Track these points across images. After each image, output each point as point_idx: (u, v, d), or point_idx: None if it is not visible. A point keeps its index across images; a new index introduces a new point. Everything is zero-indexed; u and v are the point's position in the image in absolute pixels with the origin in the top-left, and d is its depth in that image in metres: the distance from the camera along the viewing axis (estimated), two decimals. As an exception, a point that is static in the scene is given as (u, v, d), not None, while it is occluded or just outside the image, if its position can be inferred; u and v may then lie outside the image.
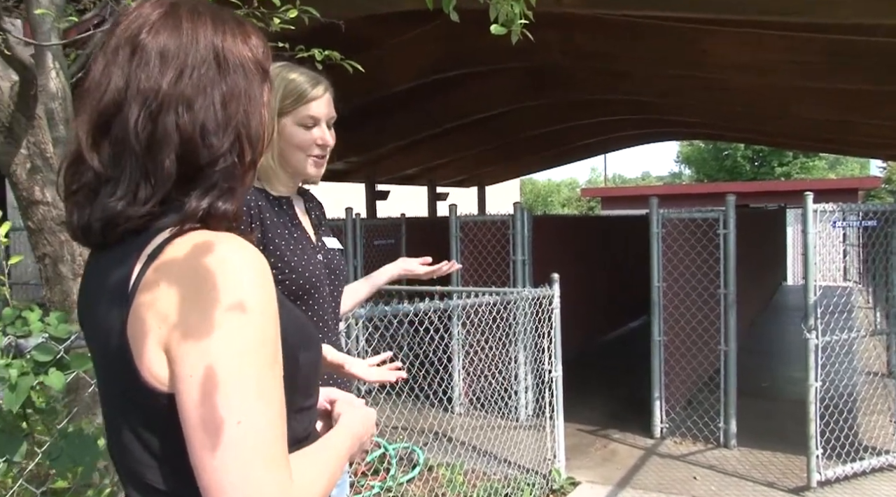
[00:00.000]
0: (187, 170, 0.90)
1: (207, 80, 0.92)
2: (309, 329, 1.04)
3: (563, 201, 41.35)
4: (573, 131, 11.89)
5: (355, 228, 7.13)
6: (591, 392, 6.88)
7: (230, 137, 0.92)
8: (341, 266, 1.90)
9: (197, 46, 0.92)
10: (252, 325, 0.82)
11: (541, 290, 4.52)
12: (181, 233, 0.87)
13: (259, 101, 0.97)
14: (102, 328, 0.90)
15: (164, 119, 0.88)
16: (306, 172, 1.80)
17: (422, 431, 5.37)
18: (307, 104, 1.77)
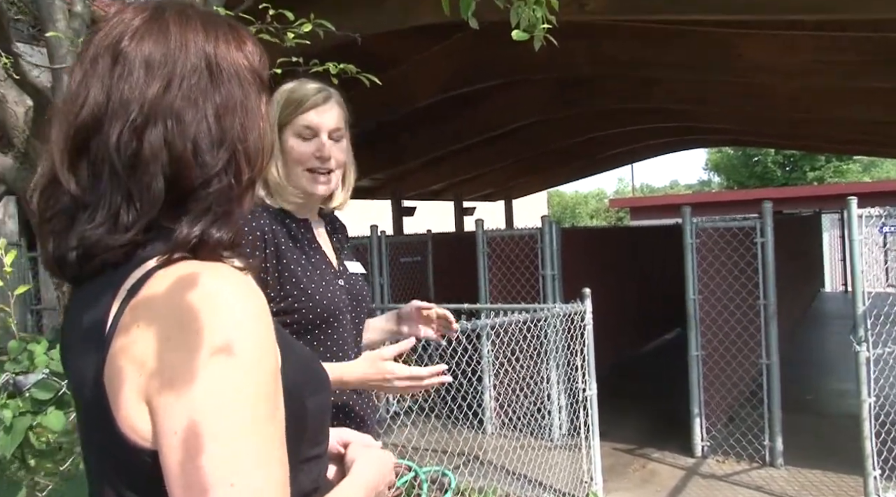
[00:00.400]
0: (177, 192, 0.79)
1: (199, 91, 0.81)
2: (317, 369, 0.92)
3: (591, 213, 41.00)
4: (600, 142, 11.71)
5: (381, 246, 7.04)
6: (625, 409, 6.67)
7: (225, 154, 0.81)
8: (364, 292, 1.78)
9: (186, 54, 0.81)
10: (245, 369, 0.71)
11: (572, 306, 4.37)
12: (166, 264, 0.76)
13: (257, 113, 0.86)
14: (79, 375, 0.79)
15: (151, 135, 0.78)
16: (308, 190, 1.68)
17: (453, 453, 5.22)
18: (305, 113, 1.65)
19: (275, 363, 0.75)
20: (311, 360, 0.92)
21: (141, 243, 0.78)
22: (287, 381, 0.80)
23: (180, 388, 0.69)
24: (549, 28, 2.15)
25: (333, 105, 1.69)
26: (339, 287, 1.69)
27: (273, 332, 0.76)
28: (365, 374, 1.62)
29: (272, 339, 0.75)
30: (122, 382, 0.72)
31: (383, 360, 1.62)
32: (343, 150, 1.71)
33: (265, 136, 0.87)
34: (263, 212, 1.65)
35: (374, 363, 1.62)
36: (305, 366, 0.88)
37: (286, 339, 0.86)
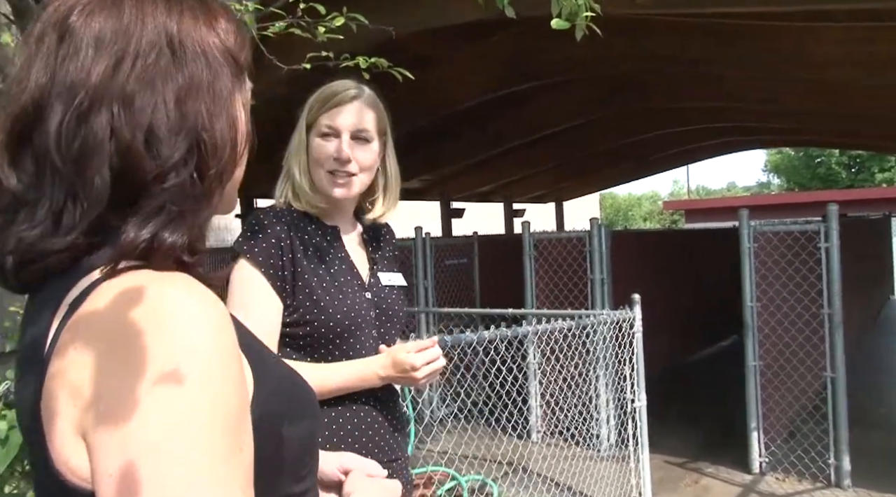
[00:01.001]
0: (127, 188, 0.67)
1: (157, 72, 0.69)
2: (300, 393, 0.80)
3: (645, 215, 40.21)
4: (653, 142, 11.39)
5: (425, 248, 6.93)
6: (678, 419, 6.40)
7: (184, 144, 0.69)
8: (396, 306, 1.67)
9: (143, 29, 0.70)
10: (196, 399, 0.59)
11: (621, 313, 4.17)
12: (113, 274, 0.65)
13: (227, 98, 0.74)
14: (20, 400, 0.69)
15: (94, 121, 0.67)
16: (327, 193, 1.58)
17: (497, 462, 5.07)
18: (328, 112, 1.56)
19: (236, 390, 0.63)
20: (293, 383, 0.80)
21: (86, 248, 0.68)
22: (259, 410, 0.69)
23: (116, 423, 0.58)
24: (593, 17, 2.00)
25: (361, 104, 1.59)
26: (363, 300, 1.59)
27: (236, 354, 0.64)
28: (388, 373, 1.53)
29: (234, 363, 0.63)
30: (56, 413, 0.61)
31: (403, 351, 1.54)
32: (371, 153, 1.60)
33: (237, 125, 0.75)
34: (286, 216, 1.56)
35: (397, 357, 1.54)
36: (285, 390, 0.76)
37: (262, 359, 0.74)
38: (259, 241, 1.51)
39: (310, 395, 0.83)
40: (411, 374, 1.53)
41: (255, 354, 0.73)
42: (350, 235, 1.67)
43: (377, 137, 1.61)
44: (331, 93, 1.58)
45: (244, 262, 1.52)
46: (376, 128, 1.61)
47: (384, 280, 1.67)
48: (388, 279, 1.68)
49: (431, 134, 9.18)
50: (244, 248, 1.52)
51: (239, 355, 0.65)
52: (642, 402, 4.19)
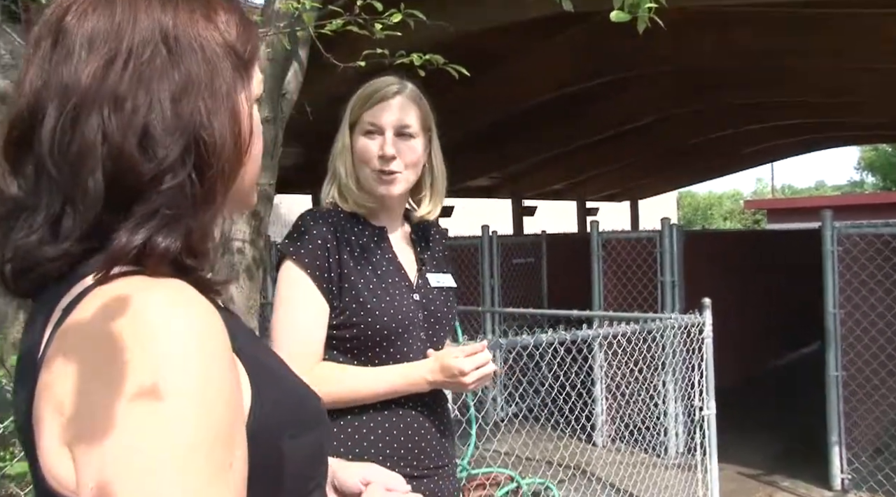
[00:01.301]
0: (122, 192, 0.65)
1: (152, 71, 0.67)
2: (304, 404, 0.77)
3: (725, 214, 38.82)
4: (734, 139, 10.96)
5: (492, 246, 6.87)
6: (752, 429, 6.12)
7: (180, 144, 0.67)
8: (445, 308, 1.64)
9: (135, 26, 0.68)
10: (175, 415, 0.56)
11: (690, 318, 4.01)
12: (104, 280, 0.63)
13: (227, 94, 0.71)
14: (17, 407, 0.68)
15: (85, 125, 0.65)
16: (374, 192, 1.56)
17: (559, 465, 4.97)
18: (370, 109, 1.54)
19: (224, 404, 0.60)
20: (298, 392, 0.77)
21: (81, 254, 0.66)
22: (256, 422, 0.66)
23: (94, 439, 0.56)
24: (656, 9, 1.91)
25: (404, 100, 1.56)
26: (411, 302, 1.56)
27: (226, 365, 0.62)
28: (436, 377, 1.49)
29: (223, 375, 0.61)
30: (43, 425, 0.60)
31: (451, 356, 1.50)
32: (415, 150, 1.57)
33: (240, 120, 0.72)
34: (332, 217, 1.55)
35: (444, 361, 1.49)
36: (288, 400, 0.73)
37: (263, 368, 0.71)
38: (305, 243, 1.50)
39: (316, 405, 0.79)
40: (460, 379, 1.49)
41: (255, 363, 0.70)
42: (398, 236, 1.64)
43: (422, 133, 1.58)
44: (372, 90, 1.55)
45: (290, 264, 1.51)
46: (420, 124, 1.57)
47: (433, 281, 1.63)
48: (438, 280, 1.65)
49: (503, 131, 9.11)
50: (290, 249, 1.51)
51: (230, 367, 0.63)
52: (711, 411, 4.01)
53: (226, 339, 0.63)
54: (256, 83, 0.77)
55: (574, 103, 8.05)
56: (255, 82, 0.76)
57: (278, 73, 2.93)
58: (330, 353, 1.53)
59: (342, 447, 1.48)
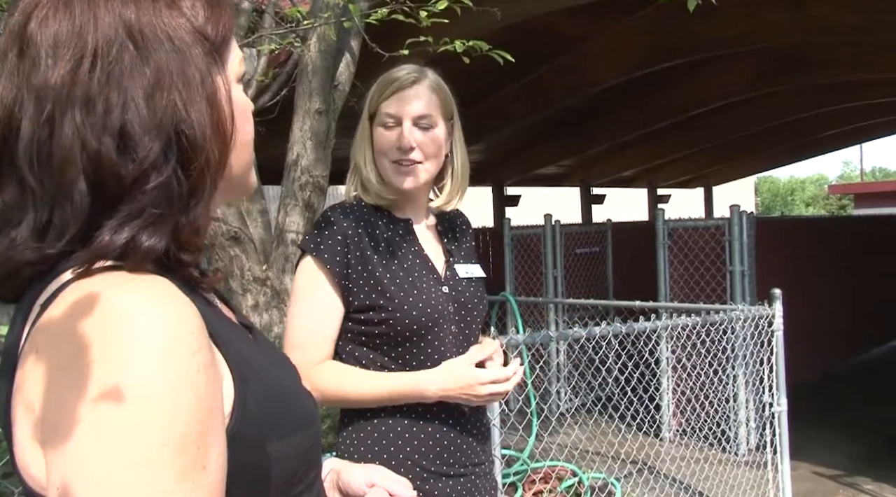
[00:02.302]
0: (108, 195, 0.64)
1: (122, 68, 0.65)
2: (293, 404, 0.74)
3: (808, 200, 37.08)
4: (817, 120, 10.41)
5: (555, 236, 6.75)
6: (831, 427, 5.83)
7: (159, 141, 0.65)
8: (475, 299, 1.59)
9: (98, 25, 0.66)
10: (140, 417, 0.55)
11: (759, 309, 3.83)
12: (83, 275, 0.63)
13: (201, 83, 0.69)
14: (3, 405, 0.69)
15: (61, 132, 0.64)
16: (394, 184, 1.52)
17: (623, 460, 4.86)
18: (388, 99, 1.50)
19: (198, 404, 0.58)
20: (287, 393, 0.75)
21: (64, 254, 0.65)
22: (239, 423, 0.65)
23: (60, 439, 0.56)
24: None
25: (422, 89, 1.52)
26: (440, 295, 1.53)
27: (200, 366, 0.60)
28: (444, 387, 1.44)
29: (197, 375, 0.59)
30: (17, 424, 0.61)
31: (464, 367, 1.45)
32: (435, 140, 1.52)
33: (220, 108, 0.70)
34: (355, 211, 1.53)
35: (452, 372, 1.45)
36: (276, 401, 0.71)
37: (250, 367, 0.70)
38: (325, 238, 1.49)
39: (308, 405, 0.77)
40: (474, 390, 1.43)
41: (240, 361, 0.68)
42: (423, 228, 1.60)
43: (442, 122, 1.53)
44: (390, 79, 1.52)
45: (308, 260, 1.50)
46: (441, 112, 1.53)
47: (462, 272, 1.59)
48: (466, 271, 1.60)
49: (571, 117, 8.94)
50: (310, 245, 1.50)
51: (205, 366, 0.61)
52: (782, 407, 3.83)
53: (201, 338, 0.61)
54: (236, 63, 0.74)
55: (646, 87, 7.81)
56: (234, 62, 0.74)
57: (329, 64, 2.94)
58: (360, 351, 1.50)
59: (376, 446, 1.46)
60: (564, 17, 5.88)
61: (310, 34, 2.78)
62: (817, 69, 7.59)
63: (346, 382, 1.46)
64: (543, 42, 6.37)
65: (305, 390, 0.79)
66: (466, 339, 1.57)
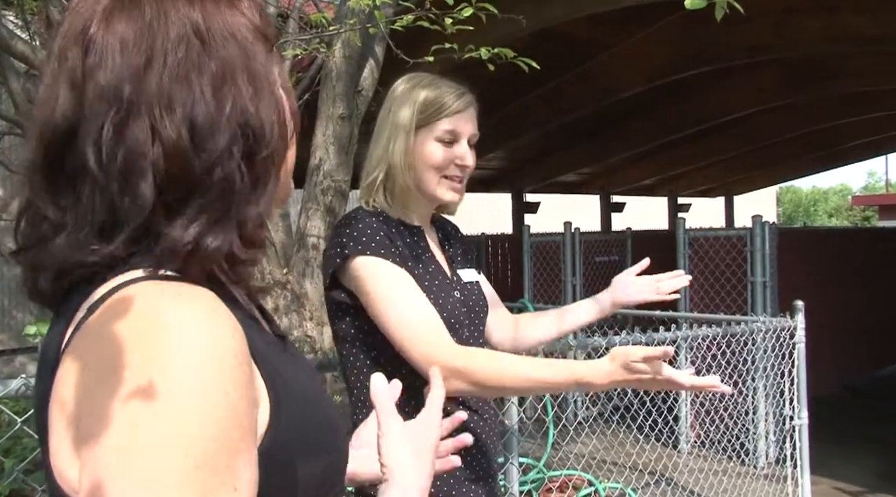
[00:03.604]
0: (174, 190, 0.65)
1: (190, 65, 0.67)
2: (327, 424, 0.73)
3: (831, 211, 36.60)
4: (842, 130, 10.28)
5: (574, 243, 6.72)
6: (854, 443, 5.75)
7: (226, 134, 0.66)
8: (481, 302, 1.62)
9: (167, 24, 0.67)
10: (181, 430, 0.55)
11: (780, 321, 3.79)
12: (134, 281, 0.62)
13: (265, 78, 0.71)
14: (35, 402, 0.70)
15: (135, 128, 0.64)
16: (441, 197, 1.54)
17: (640, 470, 4.82)
18: (449, 117, 1.52)
19: (234, 423, 0.58)
20: (321, 414, 0.73)
21: (124, 256, 0.65)
22: (272, 442, 0.64)
23: (93, 449, 0.55)
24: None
25: (474, 110, 1.57)
26: (455, 299, 1.54)
27: (240, 383, 0.59)
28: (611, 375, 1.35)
29: (235, 396, 0.58)
30: (54, 427, 0.60)
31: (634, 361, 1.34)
32: (473, 155, 1.58)
33: (282, 104, 0.72)
34: (379, 216, 1.53)
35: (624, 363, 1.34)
36: (309, 422, 0.70)
37: (287, 387, 0.68)
38: (370, 237, 1.45)
39: (338, 429, 0.76)
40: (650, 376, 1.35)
41: (278, 380, 0.67)
42: (432, 236, 1.64)
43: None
44: (448, 97, 1.54)
45: (364, 259, 1.42)
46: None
47: (465, 277, 1.63)
48: (468, 276, 1.64)
49: (592, 124, 8.92)
50: (357, 248, 1.43)
51: (246, 387, 0.60)
52: (803, 421, 3.78)
53: (242, 358, 0.60)
54: (283, 66, 0.77)
55: (668, 95, 7.78)
56: (282, 65, 0.76)
57: (353, 70, 2.96)
58: (370, 355, 1.49)
59: None
60: (587, 25, 5.87)
61: (335, 40, 2.80)
62: (843, 79, 7.51)
63: (507, 369, 1.36)
64: (565, 49, 6.36)
65: (334, 408, 0.78)
66: (476, 342, 1.59)
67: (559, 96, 7.57)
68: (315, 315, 2.88)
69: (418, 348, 1.36)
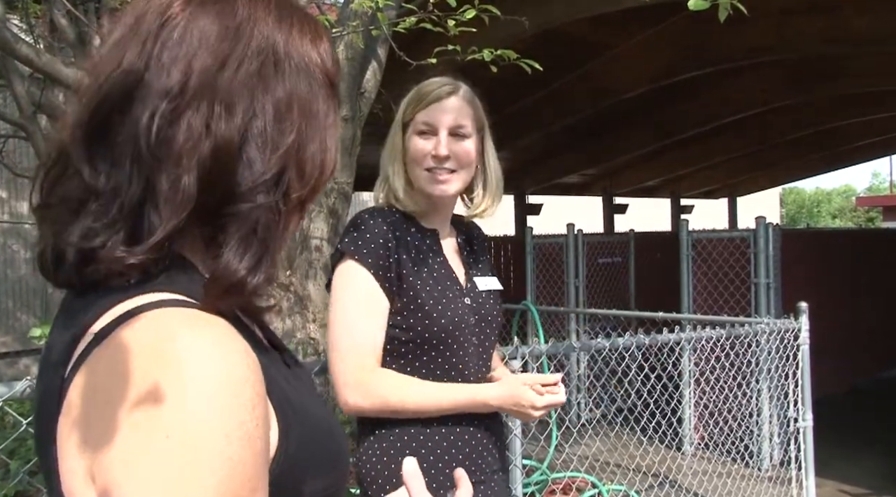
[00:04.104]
0: (214, 197, 0.63)
1: (259, 80, 0.66)
2: (331, 443, 0.73)
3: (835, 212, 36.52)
4: (846, 130, 10.26)
5: (577, 245, 6.71)
6: (858, 444, 5.73)
7: (279, 161, 0.65)
8: (494, 311, 1.61)
9: (251, 34, 0.67)
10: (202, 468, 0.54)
11: (784, 322, 3.78)
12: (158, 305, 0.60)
13: (322, 120, 0.71)
14: (35, 407, 0.67)
15: (192, 117, 0.63)
16: (427, 192, 1.53)
17: (644, 472, 4.81)
18: (425, 108, 1.52)
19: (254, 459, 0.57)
20: (324, 433, 0.73)
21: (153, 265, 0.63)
22: (280, 466, 0.63)
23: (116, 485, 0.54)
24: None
25: (458, 100, 1.54)
26: (463, 306, 1.54)
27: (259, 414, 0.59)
28: (501, 399, 1.48)
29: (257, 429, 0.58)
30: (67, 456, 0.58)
31: (524, 386, 1.48)
32: (469, 150, 1.54)
33: (327, 150, 0.71)
34: (389, 216, 1.53)
35: (515, 391, 1.48)
36: (314, 442, 0.70)
37: (293, 407, 0.68)
38: (366, 240, 1.48)
39: (340, 444, 0.76)
40: (528, 411, 1.47)
41: (285, 402, 0.67)
42: (447, 240, 1.62)
43: (475, 133, 1.55)
44: (426, 90, 1.54)
45: (350, 263, 1.48)
46: (473, 124, 1.55)
47: (481, 285, 1.61)
48: (485, 284, 1.62)
49: (595, 126, 8.91)
50: (350, 248, 1.48)
51: (263, 421, 0.59)
52: (808, 423, 3.77)
53: (260, 392, 0.60)
54: (339, 117, 0.76)
55: (672, 96, 7.77)
56: (338, 116, 0.76)
57: (356, 72, 2.96)
58: (384, 360, 1.50)
59: (399, 455, 1.47)
60: (590, 26, 5.87)
61: (337, 42, 2.80)
62: (846, 79, 7.50)
63: (408, 391, 1.45)
64: (568, 50, 6.36)
65: (338, 426, 0.78)
66: (486, 351, 1.59)
67: (561, 98, 7.57)
68: (318, 317, 2.89)
69: (342, 360, 1.44)
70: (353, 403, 1.44)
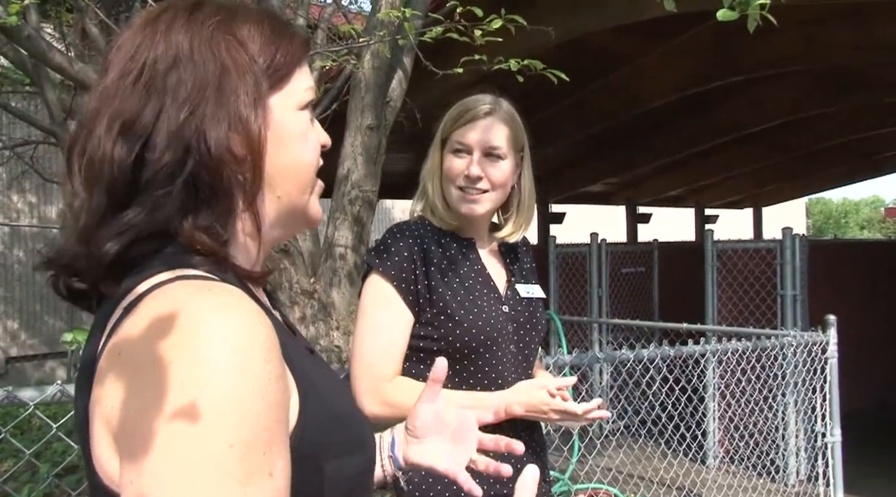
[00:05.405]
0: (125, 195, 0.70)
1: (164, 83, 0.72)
2: (352, 428, 0.75)
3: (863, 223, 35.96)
4: (876, 140, 10.11)
5: (601, 254, 6.67)
6: (888, 460, 5.61)
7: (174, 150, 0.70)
8: (534, 319, 1.61)
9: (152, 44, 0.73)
10: (217, 419, 0.56)
11: (811, 335, 3.72)
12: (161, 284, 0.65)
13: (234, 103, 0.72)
14: (75, 409, 0.71)
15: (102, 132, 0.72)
16: (458, 210, 1.55)
17: (668, 486, 4.75)
18: (462, 127, 1.53)
19: (268, 413, 0.59)
20: (345, 415, 0.75)
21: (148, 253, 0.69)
22: (300, 439, 0.65)
23: (136, 449, 0.57)
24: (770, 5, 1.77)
25: (495, 121, 1.54)
26: (500, 313, 1.54)
27: (275, 374, 0.61)
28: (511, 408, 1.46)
29: (269, 384, 0.60)
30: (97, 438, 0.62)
31: (541, 388, 1.47)
32: (503, 171, 1.55)
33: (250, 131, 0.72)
34: (420, 229, 1.55)
35: (532, 392, 1.47)
36: (334, 422, 0.72)
37: (312, 385, 0.70)
38: (391, 255, 1.51)
39: (363, 429, 0.78)
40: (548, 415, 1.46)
41: (304, 377, 0.69)
42: (486, 247, 1.63)
43: (511, 154, 1.56)
44: (464, 108, 1.55)
45: (375, 277, 1.52)
46: (511, 144, 1.55)
47: (523, 292, 1.61)
48: (527, 291, 1.62)
49: (619, 135, 8.87)
50: (375, 262, 1.52)
51: (278, 377, 0.61)
52: (836, 438, 3.70)
53: (273, 349, 0.62)
54: (299, 90, 0.77)
55: (697, 106, 7.72)
56: (295, 90, 0.76)
57: (382, 81, 2.98)
58: (417, 367, 1.52)
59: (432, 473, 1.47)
60: (616, 35, 5.85)
61: (364, 51, 2.82)
62: (876, 88, 7.39)
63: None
64: (593, 60, 6.35)
65: (361, 414, 0.80)
66: (525, 359, 1.58)
67: (585, 107, 7.55)
68: (342, 324, 2.89)
69: (364, 371, 1.48)
70: (369, 411, 1.45)
